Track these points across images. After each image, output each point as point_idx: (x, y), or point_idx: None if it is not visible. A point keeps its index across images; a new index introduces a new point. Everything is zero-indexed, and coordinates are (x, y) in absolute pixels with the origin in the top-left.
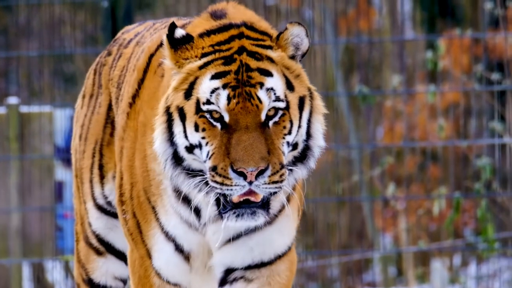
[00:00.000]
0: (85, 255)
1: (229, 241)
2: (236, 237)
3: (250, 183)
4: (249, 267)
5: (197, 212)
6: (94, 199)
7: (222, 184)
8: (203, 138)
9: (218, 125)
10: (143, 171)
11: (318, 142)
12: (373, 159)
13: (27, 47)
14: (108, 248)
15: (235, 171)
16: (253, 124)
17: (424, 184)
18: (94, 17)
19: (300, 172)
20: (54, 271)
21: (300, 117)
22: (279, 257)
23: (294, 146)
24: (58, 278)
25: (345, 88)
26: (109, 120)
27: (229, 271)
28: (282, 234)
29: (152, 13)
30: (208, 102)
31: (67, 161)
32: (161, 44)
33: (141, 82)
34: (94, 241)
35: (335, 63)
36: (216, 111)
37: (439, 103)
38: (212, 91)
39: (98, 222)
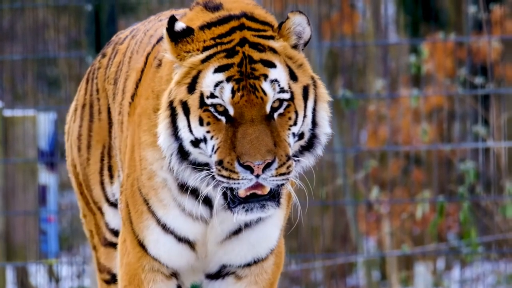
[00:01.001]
0: (106, 257)
1: (230, 237)
2: (236, 232)
3: (257, 176)
4: (242, 265)
5: (207, 202)
6: (107, 199)
7: (228, 178)
8: (208, 132)
9: (223, 118)
10: (138, 160)
11: (325, 130)
12: (356, 163)
13: (10, 51)
14: None
15: (241, 165)
16: (258, 116)
17: (408, 188)
18: (78, 21)
19: (308, 161)
20: (37, 275)
21: (305, 107)
22: (270, 252)
23: (301, 136)
24: (41, 282)
25: (329, 92)
26: (112, 123)
27: (224, 266)
28: (276, 227)
29: (136, 17)
30: (212, 95)
31: (50, 165)
32: (156, 42)
33: (138, 81)
34: (114, 239)
35: (319, 67)
36: (221, 105)
37: (422, 107)
38: (216, 85)
39: (115, 219)
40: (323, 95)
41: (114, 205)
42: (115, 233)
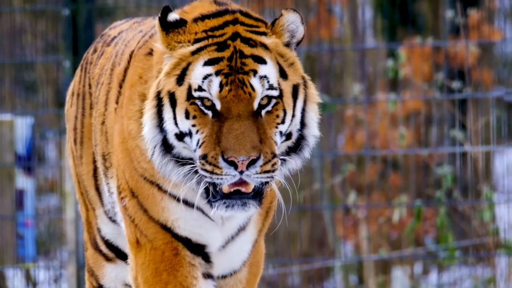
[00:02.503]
0: (94, 261)
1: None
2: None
3: (241, 172)
4: (219, 277)
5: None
6: (103, 205)
7: (212, 173)
8: (193, 125)
9: (210, 112)
10: (132, 150)
11: (313, 132)
12: (334, 167)
13: None
14: (117, 254)
15: (225, 160)
16: (245, 112)
17: (385, 192)
18: (55, 25)
19: (294, 162)
20: (15, 279)
21: (294, 106)
22: (243, 264)
23: (288, 136)
24: (18, 286)
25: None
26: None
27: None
28: (250, 241)
29: (113, 21)
30: (200, 89)
31: (28, 169)
32: (142, 37)
33: (122, 82)
34: (103, 247)
35: None
36: (208, 99)
37: (400, 111)
38: (204, 78)
39: (107, 227)
40: (313, 96)
41: (107, 212)
42: (106, 242)
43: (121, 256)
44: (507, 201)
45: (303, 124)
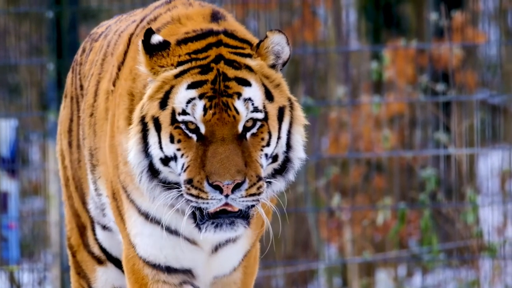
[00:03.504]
0: (86, 265)
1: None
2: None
3: (227, 196)
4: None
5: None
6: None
7: (197, 197)
8: (178, 149)
9: (194, 136)
10: (116, 146)
11: (298, 154)
12: (318, 169)
13: None
14: (108, 256)
15: (210, 184)
16: (230, 135)
17: (369, 195)
18: (39, 27)
19: (279, 184)
20: None
21: (280, 128)
22: (234, 270)
23: (274, 158)
24: None
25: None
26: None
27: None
28: (241, 253)
29: (97, 24)
30: (184, 112)
31: (12, 172)
32: (140, 22)
33: (121, 64)
34: (96, 249)
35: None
36: (192, 122)
37: (384, 113)
38: (188, 102)
39: (100, 232)
40: (300, 118)
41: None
42: (99, 244)
43: (112, 259)
44: (491, 203)
45: (288, 146)
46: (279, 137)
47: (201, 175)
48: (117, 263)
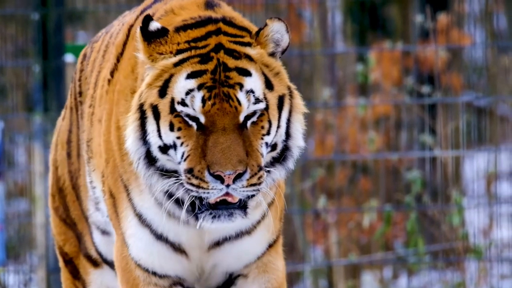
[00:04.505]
0: (83, 268)
1: (217, 244)
2: (221, 242)
3: (228, 186)
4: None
5: (178, 202)
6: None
7: (198, 187)
8: (178, 138)
9: (194, 125)
10: (115, 144)
11: (298, 143)
12: (304, 171)
13: None
14: (103, 259)
15: (212, 174)
16: (231, 125)
17: (355, 197)
18: (25, 29)
19: (278, 173)
20: None
21: (279, 117)
22: (260, 257)
23: (273, 146)
24: None
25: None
26: None
27: (230, 273)
28: (260, 244)
29: (82, 26)
30: (183, 103)
31: None
32: (140, 14)
33: (120, 55)
34: (93, 252)
35: None
36: (190, 114)
37: (369, 115)
38: (187, 93)
39: (96, 235)
40: (299, 106)
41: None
42: (96, 247)
43: (107, 262)
44: (477, 205)
45: (288, 134)
46: (278, 126)
47: (202, 164)
48: (112, 265)
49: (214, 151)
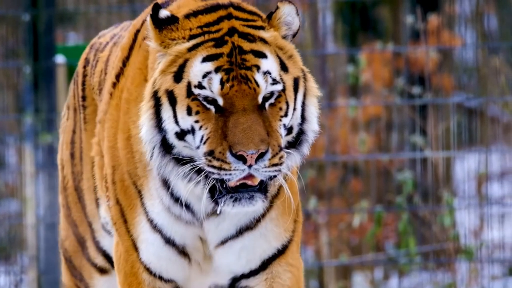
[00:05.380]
0: (86, 272)
1: (225, 241)
2: (231, 238)
3: (250, 166)
4: (249, 274)
5: (187, 206)
6: (100, 218)
7: (220, 168)
8: (196, 121)
9: (212, 108)
10: (127, 153)
11: (313, 126)
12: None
13: None
14: (113, 265)
15: (234, 154)
16: (250, 106)
17: (346, 198)
18: (15, 30)
19: (294, 158)
20: None
21: (295, 99)
22: (270, 261)
23: (289, 130)
24: None
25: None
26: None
27: (235, 279)
28: (268, 238)
29: (73, 27)
30: (200, 86)
31: None
32: (146, 19)
33: (126, 59)
34: (99, 260)
35: None
36: (209, 96)
37: (360, 116)
38: (204, 76)
39: (106, 240)
40: (313, 89)
41: (107, 230)
42: (103, 252)
43: None
44: (468, 206)
45: (303, 118)
46: (294, 108)
47: (223, 145)
48: None
49: (235, 132)
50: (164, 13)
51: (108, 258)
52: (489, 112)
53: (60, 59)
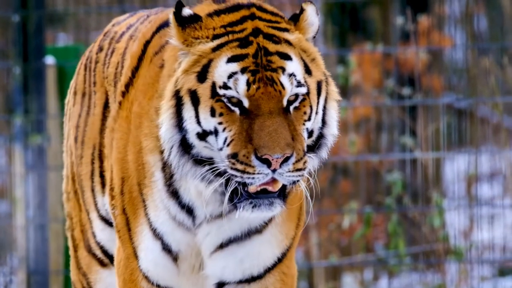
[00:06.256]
0: (87, 264)
1: (220, 247)
2: (226, 244)
3: (274, 171)
4: (240, 282)
5: (189, 211)
6: (97, 210)
7: (243, 172)
8: (220, 123)
9: (237, 110)
10: (137, 165)
11: (332, 130)
12: None
13: None
14: (113, 260)
15: (259, 158)
16: (276, 109)
17: (335, 199)
18: (5, 31)
19: (313, 162)
20: None
21: (318, 103)
22: (268, 270)
23: (310, 134)
24: None
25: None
26: (105, 122)
27: (221, 284)
28: (270, 246)
29: (63, 28)
30: (226, 86)
31: None
32: (156, 31)
33: (135, 70)
34: (98, 252)
35: None
36: (234, 97)
37: (350, 117)
38: (230, 76)
39: (102, 234)
40: (334, 93)
41: (103, 218)
42: (101, 247)
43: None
44: (457, 207)
45: (323, 122)
46: (316, 112)
47: (248, 148)
48: None
49: (261, 135)
50: (187, 11)
51: (106, 253)
52: (479, 113)
53: (50, 60)
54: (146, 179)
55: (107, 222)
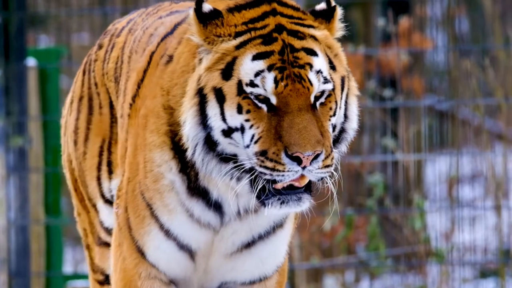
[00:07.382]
0: (100, 257)
1: (241, 250)
2: (249, 244)
3: (304, 168)
4: (246, 283)
5: (218, 207)
6: (103, 196)
7: (273, 169)
8: (247, 120)
9: (264, 107)
10: (143, 167)
11: (353, 125)
12: None
13: None
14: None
15: (289, 156)
16: (305, 106)
17: (317, 200)
18: None
19: (336, 156)
20: None
21: (341, 98)
22: (276, 270)
23: (333, 128)
24: None
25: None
26: (114, 119)
27: (225, 283)
28: (285, 243)
29: (44, 29)
30: (252, 84)
31: None
32: (162, 40)
33: (141, 82)
34: (108, 239)
35: None
36: (262, 94)
37: None
38: (257, 74)
39: (110, 218)
40: (354, 88)
41: (109, 202)
42: (110, 232)
43: None
44: (438, 209)
45: (345, 116)
46: (340, 107)
47: (278, 146)
48: None
49: (291, 132)
50: (207, 7)
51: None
52: (460, 115)
53: (31, 62)
54: (148, 180)
55: (112, 204)
